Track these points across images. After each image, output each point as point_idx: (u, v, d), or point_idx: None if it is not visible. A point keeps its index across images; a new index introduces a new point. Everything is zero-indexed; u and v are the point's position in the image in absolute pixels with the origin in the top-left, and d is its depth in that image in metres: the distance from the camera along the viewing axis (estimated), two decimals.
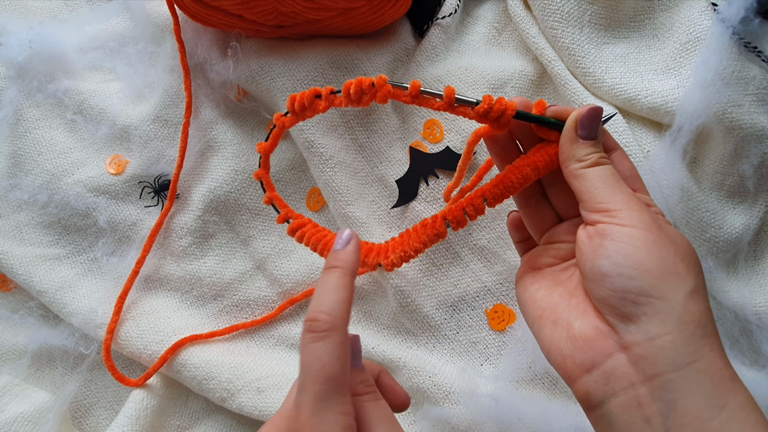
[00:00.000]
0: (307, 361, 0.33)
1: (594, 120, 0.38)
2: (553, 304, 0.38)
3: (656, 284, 0.32)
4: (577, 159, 0.37)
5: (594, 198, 0.36)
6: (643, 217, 0.34)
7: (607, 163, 0.37)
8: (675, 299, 0.32)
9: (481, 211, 0.39)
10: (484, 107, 0.38)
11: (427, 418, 0.59)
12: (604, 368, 0.33)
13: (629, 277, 0.33)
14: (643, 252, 0.33)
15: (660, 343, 0.32)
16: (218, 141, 0.68)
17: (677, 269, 0.33)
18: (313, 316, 0.33)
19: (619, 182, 0.37)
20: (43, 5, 0.76)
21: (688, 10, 0.63)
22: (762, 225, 0.63)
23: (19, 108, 0.68)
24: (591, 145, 0.37)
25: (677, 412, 0.31)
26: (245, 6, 0.58)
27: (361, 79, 0.37)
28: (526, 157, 0.39)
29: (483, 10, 0.71)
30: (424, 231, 0.39)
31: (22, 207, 0.67)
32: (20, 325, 0.66)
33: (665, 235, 0.34)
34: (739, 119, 0.57)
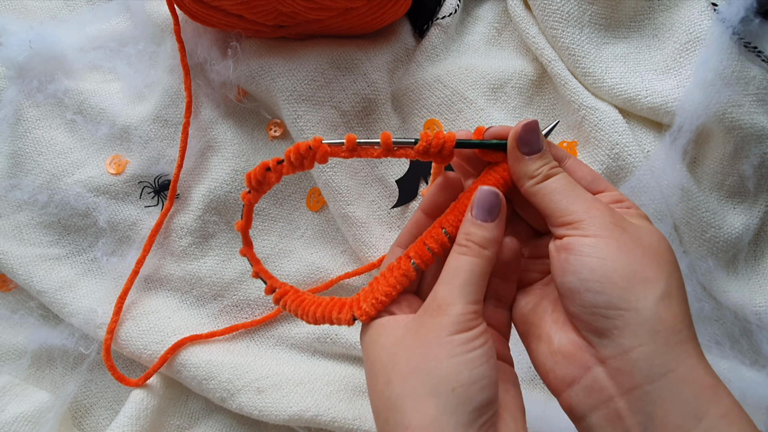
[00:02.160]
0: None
1: (532, 133, 0.37)
2: (538, 318, 0.38)
3: (624, 296, 0.32)
4: (528, 176, 0.37)
5: (554, 212, 0.36)
6: (606, 223, 0.34)
7: (558, 173, 0.37)
8: (644, 308, 0.31)
9: (445, 243, 0.38)
10: (422, 145, 0.38)
11: None
12: (584, 382, 0.33)
13: (596, 291, 0.32)
14: (608, 263, 0.32)
15: (634, 356, 0.31)
16: (218, 141, 0.68)
17: (645, 274, 0.32)
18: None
19: (575, 190, 0.36)
20: (43, 5, 0.76)
21: (688, 10, 0.63)
22: (762, 225, 0.63)
23: (19, 108, 0.68)
24: (537, 158, 0.37)
25: (656, 423, 0.31)
26: (245, 6, 0.58)
27: (298, 145, 0.38)
28: (478, 182, 0.39)
29: (483, 10, 0.71)
30: (391, 274, 0.39)
31: (22, 207, 0.67)
32: (20, 325, 0.66)
33: (631, 238, 0.33)
34: (739, 119, 0.57)
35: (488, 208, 0.36)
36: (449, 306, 0.34)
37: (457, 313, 0.33)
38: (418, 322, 0.35)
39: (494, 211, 0.36)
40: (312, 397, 0.60)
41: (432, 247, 0.38)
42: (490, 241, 0.36)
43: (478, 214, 0.36)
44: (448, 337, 0.33)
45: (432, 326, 0.34)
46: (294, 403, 0.60)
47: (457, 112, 0.65)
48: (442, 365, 0.32)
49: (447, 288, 0.35)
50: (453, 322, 0.33)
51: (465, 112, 0.64)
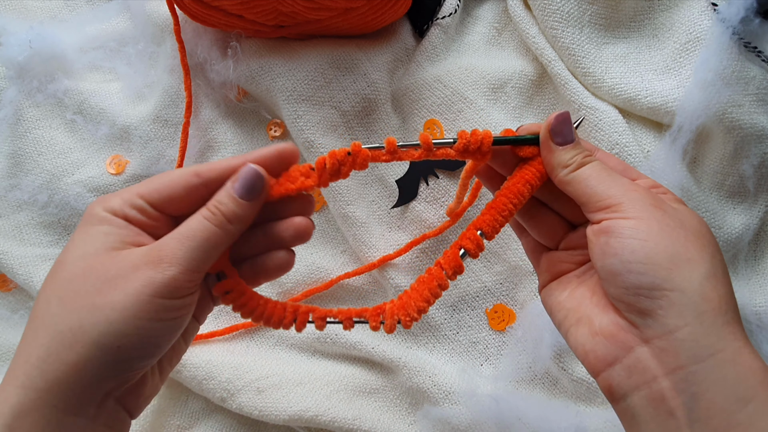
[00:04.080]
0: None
1: (565, 123, 0.38)
2: (576, 303, 0.38)
3: (668, 276, 0.31)
4: (562, 166, 0.37)
5: (591, 198, 0.36)
6: (645, 205, 0.34)
7: (592, 161, 0.37)
8: (690, 288, 0.31)
9: (481, 245, 0.38)
10: (462, 143, 0.38)
11: (427, 418, 0.59)
12: (626, 362, 0.33)
13: (639, 272, 0.32)
14: (650, 244, 0.32)
15: (680, 336, 0.31)
16: (218, 141, 0.68)
17: (689, 255, 0.32)
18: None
19: (611, 175, 0.36)
20: (43, 5, 0.76)
21: (688, 10, 0.63)
22: (762, 225, 0.63)
23: (19, 108, 0.68)
24: (571, 148, 0.37)
25: (701, 404, 0.30)
26: (245, 6, 0.58)
27: (334, 152, 0.36)
28: (512, 178, 0.39)
29: (483, 10, 0.71)
30: (424, 286, 0.38)
31: (22, 207, 0.67)
32: (20, 325, 0.66)
33: (672, 219, 0.33)
34: (739, 119, 0.57)
35: (249, 187, 0.35)
36: (169, 265, 0.32)
37: (172, 275, 0.32)
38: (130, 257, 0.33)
39: (254, 192, 0.35)
40: (312, 397, 0.60)
41: (468, 248, 0.38)
42: (239, 218, 0.35)
43: (238, 190, 0.35)
44: (149, 296, 0.31)
45: (142, 277, 0.32)
46: (294, 403, 0.60)
47: (457, 112, 0.65)
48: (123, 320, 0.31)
49: (176, 245, 0.33)
50: (164, 284, 0.32)
51: (465, 112, 0.64)
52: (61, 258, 0.34)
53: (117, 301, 0.31)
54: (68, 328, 0.31)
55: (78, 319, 0.31)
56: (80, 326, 0.31)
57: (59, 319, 0.31)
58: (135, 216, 0.34)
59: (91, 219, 0.34)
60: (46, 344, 0.31)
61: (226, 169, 0.35)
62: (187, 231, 0.34)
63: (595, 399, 0.59)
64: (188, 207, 0.35)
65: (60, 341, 0.31)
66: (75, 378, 0.31)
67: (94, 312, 0.31)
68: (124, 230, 0.34)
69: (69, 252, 0.34)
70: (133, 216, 0.34)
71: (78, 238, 0.34)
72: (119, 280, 0.32)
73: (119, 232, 0.34)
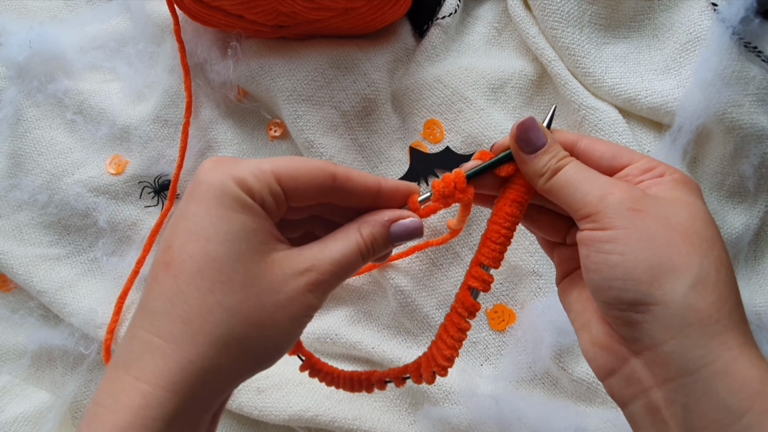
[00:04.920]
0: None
1: (528, 131, 0.36)
2: (582, 307, 0.37)
3: (649, 291, 0.30)
4: (538, 175, 0.36)
5: (571, 206, 0.34)
6: (623, 212, 0.32)
7: (566, 164, 0.35)
8: (673, 301, 0.30)
9: (487, 279, 0.38)
10: (437, 193, 0.38)
11: (427, 418, 0.59)
12: (623, 372, 0.33)
13: (620, 289, 0.31)
14: (628, 258, 0.31)
15: (667, 349, 0.30)
16: (218, 141, 0.68)
17: (672, 263, 0.30)
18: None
19: (586, 177, 0.34)
20: (43, 5, 0.76)
21: (688, 10, 0.63)
22: (762, 225, 0.63)
23: (19, 108, 0.68)
24: (542, 154, 0.36)
25: (694, 416, 0.30)
26: (245, 6, 0.58)
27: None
28: (499, 200, 0.39)
29: (483, 10, 0.71)
30: (447, 334, 0.39)
31: (22, 207, 0.67)
32: (20, 325, 0.66)
33: (655, 222, 0.31)
34: (739, 119, 0.57)
35: (404, 239, 0.35)
36: (323, 293, 0.32)
37: (322, 302, 0.33)
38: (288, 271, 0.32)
39: (404, 242, 0.36)
40: (312, 397, 0.60)
41: (476, 287, 0.38)
42: (377, 256, 0.35)
43: (395, 237, 0.35)
44: (305, 319, 0.32)
45: (303, 301, 0.31)
46: (294, 403, 0.60)
47: (457, 112, 0.65)
48: (283, 339, 0.31)
49: (330, 269, 0.32)
50: (316, 308, 0.32)
51: (465, 112, 0.64)
52: (202, 244, 0.30)
53: (281, 322, 0.31)
54: (235, 342, 0.30)
55: (246, 334, 0.30)
56: (246, 341, 0.30)
57: (225, 332, 0.29)
58: (270, 204, 0.32)
59: (226, 197, 0.30)
60: (211, 355, 0.29)
61: (362, 186, 0.34)
62: (342, 259, 0.33)
63: (595, 399, 0.59)
64: (307, 203, 0.34)
65: (225, 354, 0.29)
66: (229, 389, 0.31)
67: (260, 329, 0.30)
68: (267, 225, 0.32)
69: (214, 240, 0.30)
70: (269, 204, 0.31)
71: (216, 222, 0.30)
72: (282, 299, 0.31)
73: (264, 230, 0.31)
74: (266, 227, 0.31)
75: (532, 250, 0.62)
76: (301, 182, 0.32)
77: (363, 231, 0.34)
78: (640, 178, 0.35)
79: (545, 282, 0.61)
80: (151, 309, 0.30)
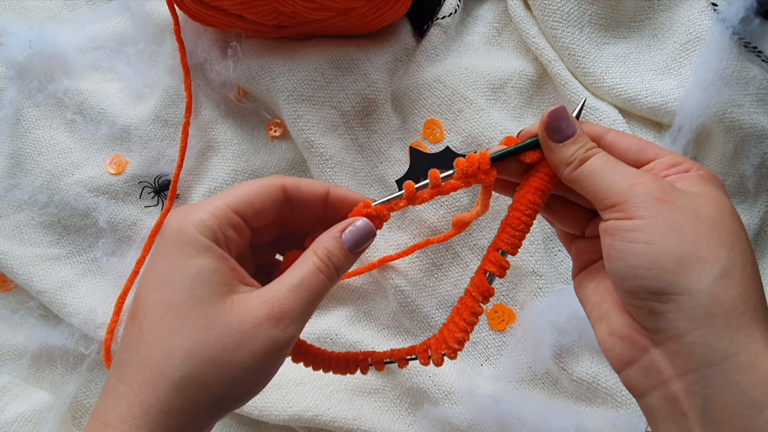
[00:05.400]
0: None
1: (559, 119, 0.36)
2: (600, 298, 0.37)
3: (675, 280, 0.30)
4: (565, 164, 0.36)
5: (597, 195, 0.34)
6: (651, 201, 0.31)
7: (594, 154, 0.35)
8: (699, 291, 0.29)
9: (504, 265, 0.38)
10: (460, 173, 0.38)
11: (427, 418, 0.59)
12: (642, 362, 0.33)
13: (645, 277, 0.31)
14: (655, 247, 0.31)
15: (690, 340, 0.30)
16: (218, 141, 0.68)
17: (699, 253, 0.30)
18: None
19: (615, 168, 0.34)
20: (43, 5, 0.76)
21: (688, 10, 0.63)
22: (762, 225, 0.63)
23: (19, 108, 0.68)
24: (571, 143, 0.36)
25: (714, 408, 0.29)
26: (245, 6, 0.58)
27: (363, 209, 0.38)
28: (522, 188, 0.39)
29: (483, 10, 0.71)
30: (459, 316, 0.39)
31: (22, 207, 0.67)
32: (20, 325, 0.66)
33: (683, 213, 0.31)
34: (739, 119, 0.57)
35: (361, 243, 0.36)
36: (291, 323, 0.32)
37: (292, 334, 0.32)
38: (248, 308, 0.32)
39: (362, 247, 0.36)
40: (312, 397, 0.60)
41: (492, 271, 0.38)
42: (344, 269, 0.35)
43: (350, 244, 0.35)
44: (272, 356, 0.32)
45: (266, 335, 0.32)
46: (294, 403, 0.60)
47: (457, 112, 0.65)
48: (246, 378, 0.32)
49: (294, 298, 0.33)
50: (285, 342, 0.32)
51: (465, 112, 0.64)
52: (162, 293, 0.31)
53: (242, 360, 0.31)
54: (194, 383, 0.30)
55: (204, 376, 0.30)
56: (205, 382, 0.31)
57: (183, 374, 0.30)
58: (233, 237, 0.33)
59: (184, 244, 0.32)
60: (170, 398, 0.30)
61: (311, 193, 0.35)
62: (303, 284, 0.33)
63: (595, 399, 0.59)
64: (267, 221, 0.35)
65: (185, 397, 0.30)
66: (191, 428, 0.31)
67: (220, 369, 0.31)
68: (228, 264, 0.33)
69: (172, 288, 0.31)
70: (231, 236, 0.33)
71: (175, 270, 0.31)
72: (243, 336, 0.31)
73: (223, 269, 0.32)
74: (226, 268, 0.32)
75: (532, 250, 0.62)
76: (256, 204, 0.34)
77: (318, 251, 0.34)
78: (666, 172, 0.35)
79: (545, 282, 0.61)
80: (120, 358, 0.32)
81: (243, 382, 0.32)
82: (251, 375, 0.32)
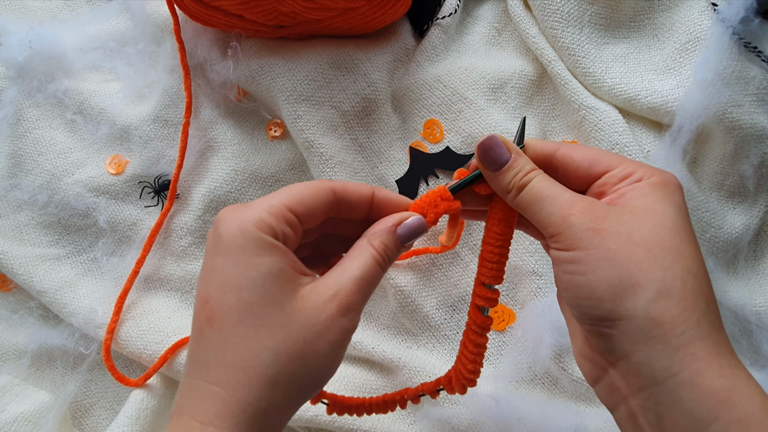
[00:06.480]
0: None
1: (489, 150, 0.36)
2: (569, 317, 0.38)
3: (612, 308, 0.31)
4: (505, 192, 0.36)
5: (539, 224, 0.35)
6: (583, 233, 0.32)
7: (531, 179, 0.35)
8: (635, 316, 0.30)
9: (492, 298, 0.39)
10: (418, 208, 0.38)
11: (427, 418, 0.59)
12: (606, 380, 0.34)
13: (587, 306, 0.32)
14: (590, 278, 0.31)
15: (636, 359, 0.31)
16: (218, 141, 0.68)
17: (632, 279, 0.30)
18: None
19: (550, 195, 0.34)
20: (43, 5, 0.76)
21: (688, 10, 0.63)
22: (762, 225, 0.63)
23: (19, 108, 0.68)
24: (506, 171, 0.36)
25: (666, 424, 0.30)
26: (245, 6, 0.58)
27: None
28: (488, 220, 0.39)
29: (483, 10, 0.71)
30: (467, 350, 0.41)
31: (22, 207, 0.67)
32: (20, 325, 0.66)
33: (615, 239, 0.31)
34: (739, 119, 0.57)
35: (412, 237, 0.36)
36: (356, 313, 0.34)
37: (357, 323, 0.34)
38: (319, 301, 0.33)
39: (412, 241, 0.37)
40: None
41: (483, 305, 0.39)
42: (393, 261, 0.36)
43: (403, 238, 0.36)
44: (344, 344, 0.34)
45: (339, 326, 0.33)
46: None
47: (457, 112, 0.65)
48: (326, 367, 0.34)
49: (356, 289, 0.34)
50: (352, 331, 0.34)
51: (465, 112, 0.64)
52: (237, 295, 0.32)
53: (322, 350, 0.33)
54: (285, 378, 0.32)
55: (293, 370, 0.32)
56: (294, 376, 0.32)
57: (275, 371, 0.32)
58: (290, 234, 0.34)
59: (250, 243, 0.32)
60: (266, 395, 0.32)
61: (359, 195, 0.37)
62: (365, 276, 0.34)
63: (595, 399, 0.59)
64: (317, 222, 0.36)
65: (279, 392, 0.32)
66: (285, 419, 0.34)
67: (305, 362, 0.32)
68: (291, 259, 0.34)
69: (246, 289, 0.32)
70: (288, 234, 0.34)
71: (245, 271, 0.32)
72: (320, 329, 0.33)
73: (288, 265, 0.33)
74: (290, 263, 0.34)
75: (532, 250, 0.62)
76: (309, 204, 0.35)
77: (374, 243, 0.35)
78: (617, 186, 0.35)
79: (545, 282, 0.61)
80: (203, 360, 0.33)
81: (324, 371, 0.34)
82: (330, 363, 0.34)
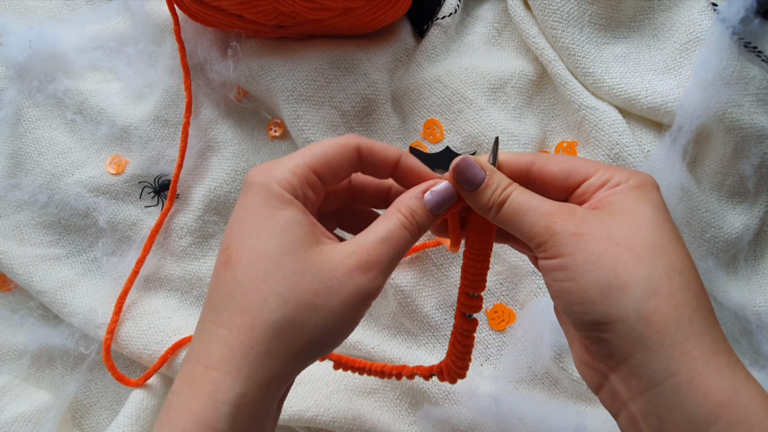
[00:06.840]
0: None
1: (463, 172, 0.36)
2: (566, 326, 0.38)
3: (604, 311, 0.30)
4: (485, 210, 0.36)
5: (523, 237, 0.35)
6: (567, 238, 0.32)
7: (509, 195, 0.35)
8: (627, 317, 0.30)
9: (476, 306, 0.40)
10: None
11: (427, 418, 0.59)
12: (608, 387, 0.33)
13: (580, 312, 0.32)
14: (579, 282, 0.31)
15: (634, 362, 0.30)
16: (218, 141, 0.68)
17: (619, 280, 0.30)
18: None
19: (530, 207, 0.34)
20: (43, 5, 0.76)
21: (688, 10, 0.63)
22: (762, 225, 0.63)
23: (19, 108, 0.68)
24: (483, 190, 0.35)
25: (667, 426, 0.30)
26: (245, 6, 0.58)
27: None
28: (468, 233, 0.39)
29: (483, 10, 0.71)
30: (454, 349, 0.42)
31: (22, 207, 0.67)
32: (20, 325, 0.66)
33: (598, 243, 0.31)
34: (739, 119, 0.57)
35: (443, 204, 0.36)
36: (378, 274, 0.33)
37: (378, 285, 0.33)
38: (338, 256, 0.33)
39: (444, 209, 0.36)
40: (312, 397, 0.60)
41: (467, 312, 0.40)
42: (425, 230, 0.36)
43: (433, 204, 0.36)
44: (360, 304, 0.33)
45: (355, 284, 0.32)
46: (294, 403, 0.60)
47: (457, 112, 0.65)
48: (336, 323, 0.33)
49: (381, 251, 0.33)
50: (371, 293, 0.33)
51: (465, 112, 0.64)
52: (254, 240, 0.32)
53: (334, 306, 0.32)
54: (290, 326, 0.31)
55: (299, 319, 0.31)
56: (301, 325, 0.32)
57: (280, 317, 0.31)
58: (310, 195, 0.34)
59: (270, 198, 0.33)
60: (269, 340, 0.31)
61: (384, 156, 0.36)
62: (390, 237, 0.34)
63: (595, 399, 0.59)
64: (340, 181, 0.36)
65: (282, 339, 0.31)
66: (289, 373, 0.32)
67: (314, 313, 0.32)
68: (310, 218, 0.34)
69: (264, 236, 0.32)
70: (309, 195, 0.34)
71: (264, 220, 0.33)
72: (334, 283, 0.32)
73: (308, 221, 0.34)
74: (310, 220, 0.34)
75: None
76: (333, 164, 0.35)
77: (401, 208, 0.35)
78: (596, 195, 0.35)
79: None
80: (215, 303, 0.33)
81: (334, 328, 0.33)
82: (341, 321, 0.33)
